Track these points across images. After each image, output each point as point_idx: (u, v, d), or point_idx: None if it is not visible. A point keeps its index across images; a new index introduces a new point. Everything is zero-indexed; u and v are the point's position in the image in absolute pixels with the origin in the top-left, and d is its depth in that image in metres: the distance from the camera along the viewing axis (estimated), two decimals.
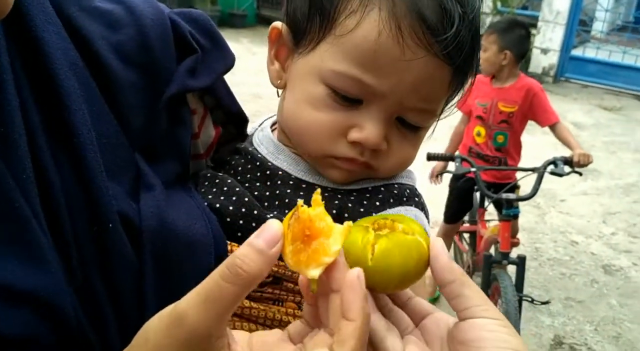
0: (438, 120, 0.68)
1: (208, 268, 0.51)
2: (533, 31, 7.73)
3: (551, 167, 2.50)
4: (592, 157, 2.58)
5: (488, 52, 2.73)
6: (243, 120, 0.71)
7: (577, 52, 8.00)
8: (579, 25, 7.89)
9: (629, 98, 7.31)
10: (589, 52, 7.95)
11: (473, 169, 2.51)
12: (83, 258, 0.48)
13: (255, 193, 0.66)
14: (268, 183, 0.66)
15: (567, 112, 6.52)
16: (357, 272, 0.43)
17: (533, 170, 2.55)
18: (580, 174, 2.58)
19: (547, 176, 2.51)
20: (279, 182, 0.66)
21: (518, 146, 2.95)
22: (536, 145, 5.49)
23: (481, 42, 0.60)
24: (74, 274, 0.47)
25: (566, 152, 2.64)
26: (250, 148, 0.70)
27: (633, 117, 6.59)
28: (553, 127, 2.83)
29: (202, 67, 0.62)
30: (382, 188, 0.67)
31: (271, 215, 0.63)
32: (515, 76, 2.81)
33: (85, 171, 0.49)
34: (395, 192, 0.67)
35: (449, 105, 0.67)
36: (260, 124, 0.75)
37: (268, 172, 0.67)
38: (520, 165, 2.91)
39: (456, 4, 0.58)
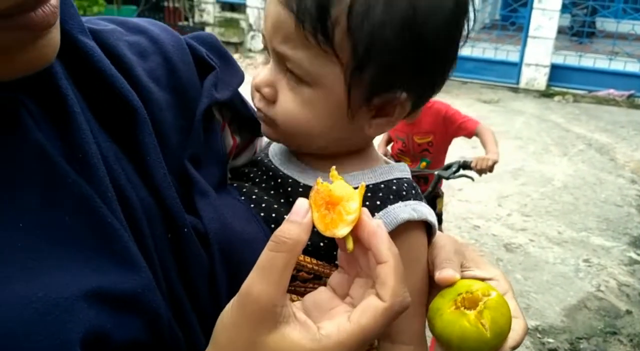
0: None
1: None
2: None
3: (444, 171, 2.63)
4: (491, 161, 2.66)
5: None
6: (258, 123, 0.75)
7: None
8: None
9: (504, 90, 7.93)
10: (464, 50, 8.48)
11: None
12: (163, 264, 0.53)
13: (272, 200, 0.70)
14: (281, 191, 0.70)
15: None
16: (376, 222, 0.51)
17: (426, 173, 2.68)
18: (472, 179, 2.68)
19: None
20: (289, 189, 0.70)
21: (444, 160, 3.01)
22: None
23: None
24: (158, 279, 0.52)
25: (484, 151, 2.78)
26: (265, 160, 0.75)
27: (509, 108, 7.17)
28: (477, 133, 2.89)
29: (221, 83, 0.68)
30: (382, 186, 0.69)
31: None
32: None
33: (156, 185, 0.55)
34: (394, 187, 0.69)
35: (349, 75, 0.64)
36: None
37: (279, 180, 0.71)
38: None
39: None
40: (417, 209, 0.68)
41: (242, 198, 0.69)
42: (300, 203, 0.49)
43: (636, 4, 9.97)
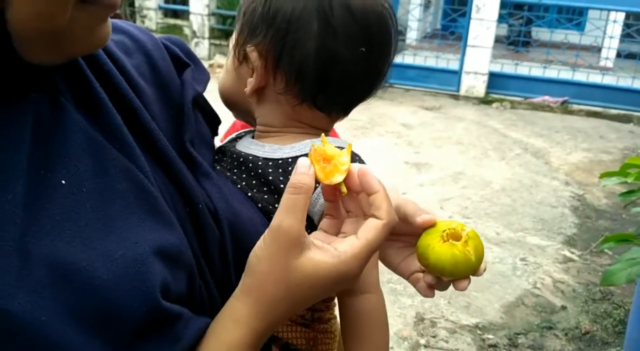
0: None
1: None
2: None
3: None
4: None
5: None
6: (218, 121, 0.86)
7: (397, 59, 8.64)
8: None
9: (445, 97, 8.15)
10: (407, 58, 8.73)
11: None
12: (186, 233, 0.61)
13: (241, 179, 0.79)
14: (243, 168, 0.80)
15: (396, 115, 7.11)
16: (360, 165, 0.63)
17: None
18: None
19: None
20: (250, 165, 0.79)
21: None
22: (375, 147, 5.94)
23: None
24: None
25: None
26: (231, 148, 0.84)
27: (451, 114, 7.37)
28: None
29: (195, 78, 0.78)
30: None
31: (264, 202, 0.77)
32: None
33: (171, 165, 0.64)
34: None
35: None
36: None
37: (242, 160, 0.80)
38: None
39: None
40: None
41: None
42: (303, 160, 0.60)
43: (569, 14, 10.45)
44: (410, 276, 0.79)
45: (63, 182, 0.50)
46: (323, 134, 0.67)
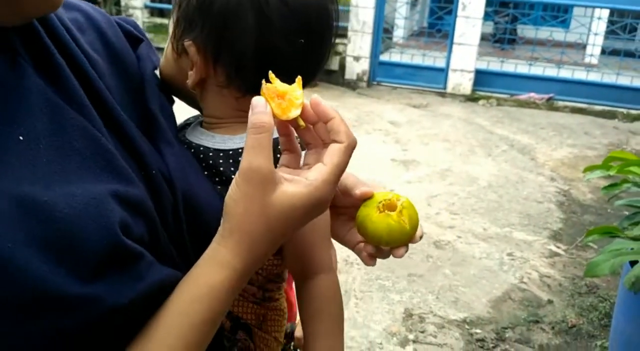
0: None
1: (218, 210, 0.65)
2: (344, 41, 8.34)
3: None
4: None
5: None
6: (172, 99, 0.87)
7: (384, 57, 8.76)
8: (383, 33, 8.65)
9: (432, 95, 8.18)
10: (394, 56, 8.76)
11: None
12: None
13: None
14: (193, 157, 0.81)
15: (384, 112, 7.14)
16: (317, 98, 0.65)
17: None
18: None
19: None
20: (201, 156, 0.80)
21: None
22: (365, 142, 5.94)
23: None
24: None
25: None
26: (181, 138, 0.84)
27: (438, 112, 7.40)
28: None
29: (150, 52, 0.82)
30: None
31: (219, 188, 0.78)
32: None
33: (124, 132, 0.65)
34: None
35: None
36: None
37: (192, 150, 0.80)
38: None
39: None
40: None
41: None
42: (257, 99, 0.61)
43: (554, 11, 10.52)
44: (355, 247, 0.83)
45: (21, 138, 0.52)
46: (270, 71, 0.65)
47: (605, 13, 8.69)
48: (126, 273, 0.55)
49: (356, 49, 8.36)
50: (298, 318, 1.08)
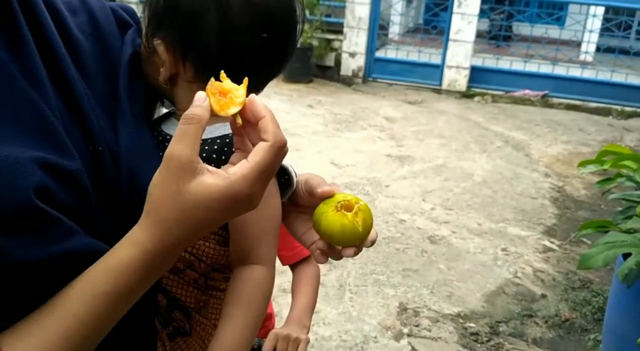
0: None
1: None
2: (340, 37, 8.34)
3: None
4: None
5: None
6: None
7: (380, 53, 8.76)
8: (379, 29, 8.65)
9: (427, 92, 8.19)
10: (389, 53, 8.76)
11: None
12: (86, 168, 0.66)
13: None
14: (162, 146, 0.84)
15: (379, 109, 7.14)
16: (253, 96, 0.66)
17: None
18: None
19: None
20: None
21: None
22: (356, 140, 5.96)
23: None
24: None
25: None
26: (155, 126, 0.90)
27: (433, 108, 7.42)
28: None
29: (138, 38, 0.86)
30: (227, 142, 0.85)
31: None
32: None
33: (80, 108, 0.69)
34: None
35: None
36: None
37: (166, 144, 0.81)
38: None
39: None
40: None
41: None
42: (199, 93, 0.64)
43: (549, 8, 10.55)
44: (311, 245, 0.85)
45: None
46: (222, 71, 0.68)
47: (601, 10, 8.73)
48: (38, 235, 0.58)
49: (352, 45, 8.36)
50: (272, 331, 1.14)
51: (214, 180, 0.61)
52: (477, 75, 8.18)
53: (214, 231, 0.86)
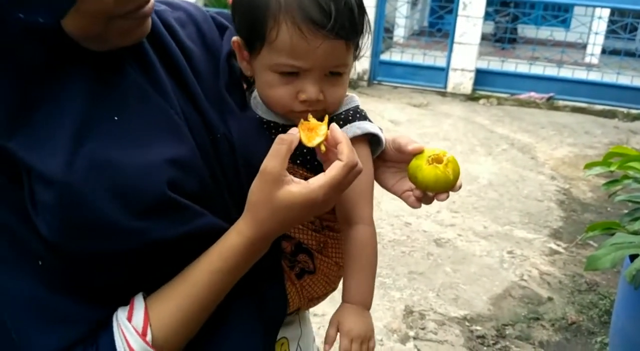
0: (355, 61, 0.99)
1: None
2: None
3: None
4: None
5: None
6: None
7: (385, 56, 8.76)
8: (384, 32, 8.65)
9: (432, 94, 8.18)
10: (394, 56, 8.75)
11: None
12: (208, 155, 0.85)
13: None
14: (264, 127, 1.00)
15: (384, 111, 7.14)
16: (334, 125, 0.85)
17: None
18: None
19: None
20: (273, 130, 0.98)
21: None
22: None
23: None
24: (206, 161, 0.84)
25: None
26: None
27: (438, 111, 7.41)
28: None
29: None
30: (334, 118, 0.98)
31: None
32: None
33: (199, 104, 0.86)
34: (342, 116, 0.99)
35: (358, 52, 0.97)
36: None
37: (264, 126, 0.99)
38: None
39: (329, 1, 0.86)
40: (361, 126, 0.98)
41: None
42: (293, 129, 0.84)
43: (554, 11, 10.54)
44: (402, 194, 1.03)
45: (116, 118, 0.75)
46: (310, 114, 0.88)
47: (606, 12, 8.70)
48: (172, 218, 0.76)
49: None
50: None
51: (296, 188, 0.79)
52: (483, 77, 8.16)
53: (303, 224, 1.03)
